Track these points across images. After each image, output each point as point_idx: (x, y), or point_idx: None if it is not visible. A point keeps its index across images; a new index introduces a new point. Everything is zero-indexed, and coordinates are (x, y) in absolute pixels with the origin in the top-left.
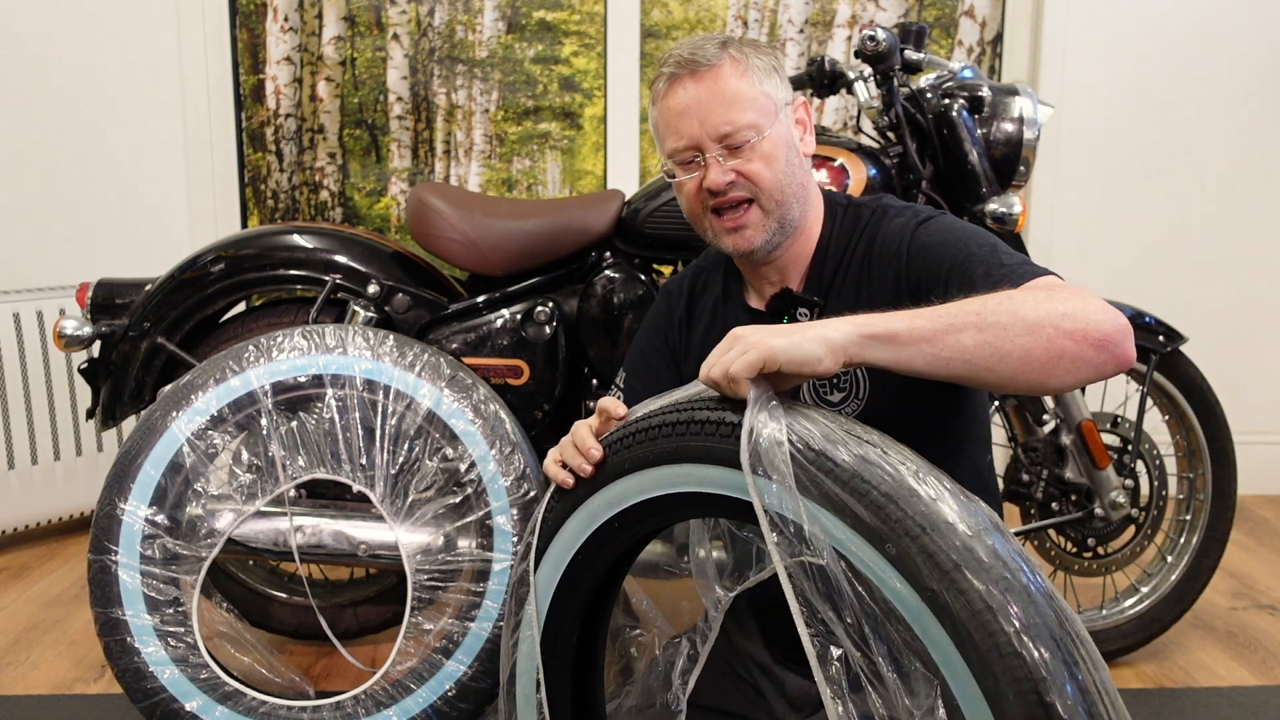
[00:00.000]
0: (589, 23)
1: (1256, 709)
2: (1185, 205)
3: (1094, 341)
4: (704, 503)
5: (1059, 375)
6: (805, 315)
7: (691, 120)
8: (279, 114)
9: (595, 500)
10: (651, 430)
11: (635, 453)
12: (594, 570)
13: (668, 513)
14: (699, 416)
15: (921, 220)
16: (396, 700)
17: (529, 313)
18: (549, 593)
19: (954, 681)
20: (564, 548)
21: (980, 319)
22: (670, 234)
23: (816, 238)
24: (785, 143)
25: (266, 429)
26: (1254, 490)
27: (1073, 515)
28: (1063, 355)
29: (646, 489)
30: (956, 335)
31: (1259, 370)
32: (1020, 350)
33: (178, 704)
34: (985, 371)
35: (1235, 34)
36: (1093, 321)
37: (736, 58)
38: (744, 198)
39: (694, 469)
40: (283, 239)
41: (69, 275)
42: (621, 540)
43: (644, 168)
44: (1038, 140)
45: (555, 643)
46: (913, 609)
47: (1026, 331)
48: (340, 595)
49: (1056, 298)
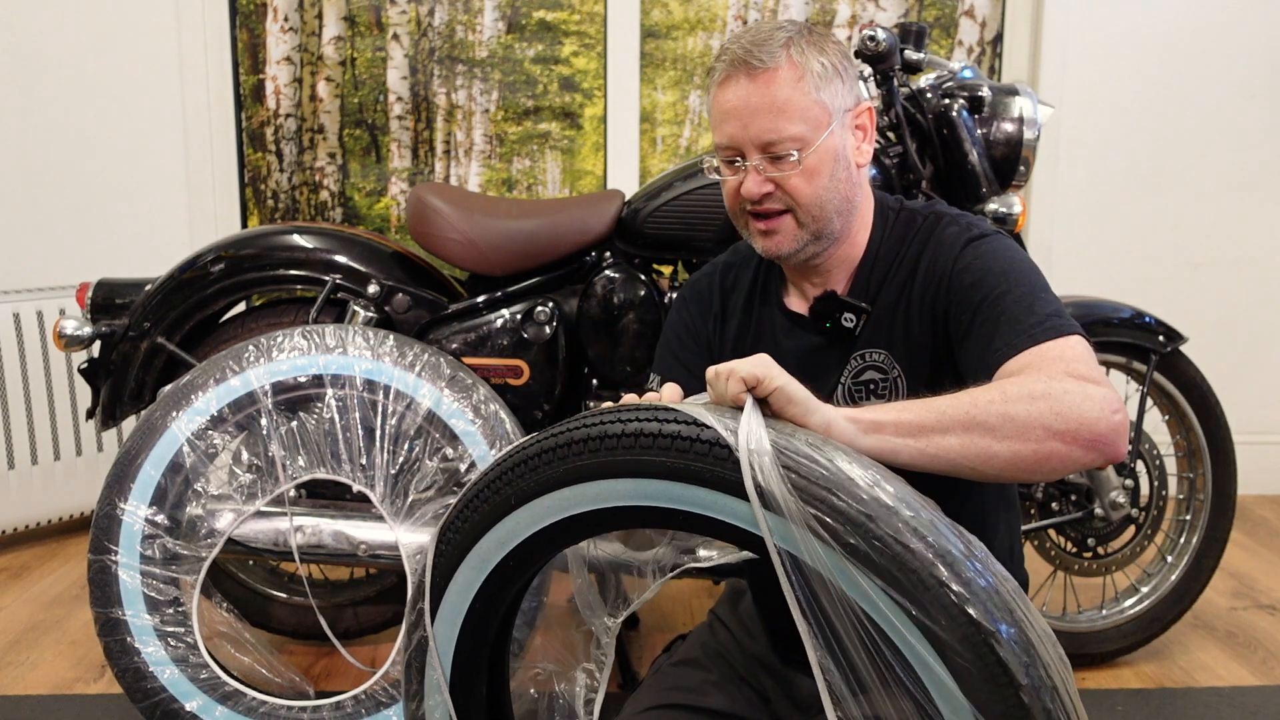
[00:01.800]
0: (589, 23)
1: (1256, 709)
2: (1185, 205)
3: (1084, 442)
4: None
5: (1044, 473)
6: (851, 321)
7: (737, 122)
8: (279, 114)
9: (483, 543)
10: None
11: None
12: (498, 610)
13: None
14: (670, 430)
15: (973, 236)
16: (396, 700)
17: (529, 313)
18: (450, 647)
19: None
20: (459, 597)
21: (969, 419)
22: (670, 234)
23: (865, 242)
24: (833, 155)
25: (266, 429)
26: (1254, 490)
27: (1073, 515)
28: (1051, 456)
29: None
30: (943, 436)
31: (1259, 370)
32: (1008, 452)
33: (178, 704)
34: (971, 471)
35: (1235, 34)
36: (1085, 421)
37: (796, 62)
38: (779, 209)
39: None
40: (283, 239)
41: (69, 275)
42: (520, 574)
43: (644, 168)
44: (1038, 140)
45: (468, 700)
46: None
47: (1016, 434)
48: (340, 595)
49: (1054, 389)
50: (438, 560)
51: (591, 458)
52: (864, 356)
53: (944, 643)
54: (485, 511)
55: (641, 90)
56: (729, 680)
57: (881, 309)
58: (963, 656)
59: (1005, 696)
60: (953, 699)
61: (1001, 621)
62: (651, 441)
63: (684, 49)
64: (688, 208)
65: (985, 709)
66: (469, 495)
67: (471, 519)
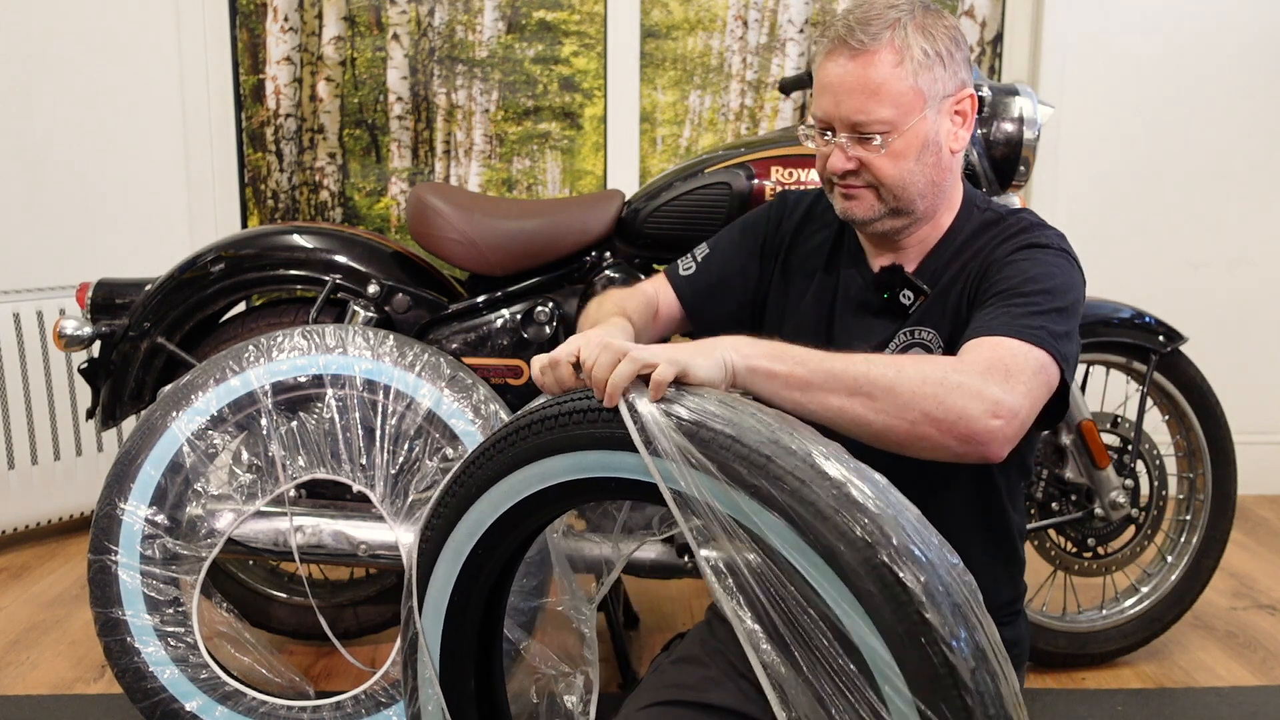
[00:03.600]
0: (589, 23)
1: (1256, 709)
2: (1185, 205)
3: (958, 435)
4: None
5: (915, 452)
6: (909, 299)
7: (830, 98)
8: (279, 114)
9: (455, 535)
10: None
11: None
12: (478, 600)
13: (537, 513)
14: (578, 406)
15: (1036, 243)
16: (396, 700)
17: (529, 313)
18: (437, 641)
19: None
20: (440, 590)
21: (855, 385)
22: (670, 234)
23: (946, 228)
24: (923, 140)
25: (266, 429)
26: (1254, 490)
27: (1073, 515)
28: (922, 439)
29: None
30: (826, 395)
31: (1259, 370)
32: (880, 425)
33: (178, 704)
34: (846, 432)
35: (1235, 33)
36: (965, 416)
37: (898, 46)
38: (860, 185)
39: (576, 458)
40: (283, 239)
41: (69, 275)
42: (495, 559)
43: (644, 168)
44: (1038, 140)
45: (459, 695)
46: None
47: (894, 410)
48: (340, 595)
49: (950, 379)
50: (420, 557)
51: (524, 443)
52: (913, 333)
53: (845, 567)
54: (454, 505)
55: (641, 90)
56: (729, 676)
57: (939, 294)
58: (863, 580)
59: (907, 614)
60: (855, 620)
61: (901, 543)
62: (565, 420)
63: (684, 49)
64: (688, 208)
65: (886, 630)
66: (441, 494)
67: (444, 514)
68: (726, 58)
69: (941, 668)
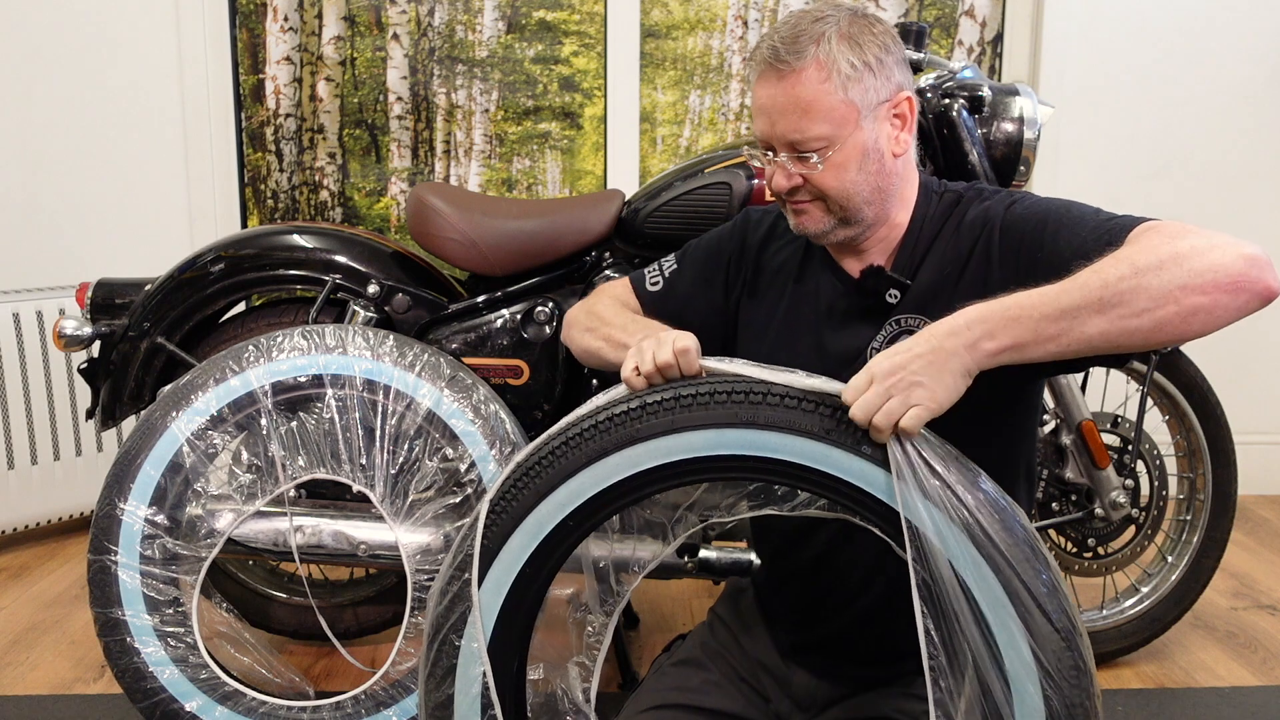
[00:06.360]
0: (589, 23)
1: (1256, 709)
2: (1185, 205)
3: (1226, 287)
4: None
5: (1196, 329)
6: (895, 296)
7: (765, 120)
8: (279, 114)
9: (544, 506)
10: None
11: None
12: (549, 573)
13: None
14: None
15: (1014, 200)
16: (396, 700)
17: (529, 313)
18: (494, 615)
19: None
20: (510, 561)
21: (1102, 300)
22: (670, 234)
23: (907, 222)
24: (863, 150)
25: (266, 429)
26: (1254, 490)
27: (1073, 515)
28: (1197, 311)
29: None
30: (1081, 326)
31: (1259, 370)
32: (1151, 321)
33: (177, 704)
34: (1115, 348)
35: (1236, 33)
36: (1219, 265)
37: (824, 61)
38: (807, 200)
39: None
40: (283, 239)
41: (69, 275)
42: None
43: (644, 168)
44: (1038, 140)
45: (503, 675)
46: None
47: (1153, 301)
48: (340, 595)
49: (1178, 249)
50: (492, 528)
51: (654, 419)
52: (899, 322)
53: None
54: (547, 478)
55: (641, 90)
56: (729, 680)
57: (922, 282)
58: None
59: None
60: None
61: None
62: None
63: (684, 49)
64: (688, 208)
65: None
66: (528, 464)
67: (533, 486)
68: (726, 58)
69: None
